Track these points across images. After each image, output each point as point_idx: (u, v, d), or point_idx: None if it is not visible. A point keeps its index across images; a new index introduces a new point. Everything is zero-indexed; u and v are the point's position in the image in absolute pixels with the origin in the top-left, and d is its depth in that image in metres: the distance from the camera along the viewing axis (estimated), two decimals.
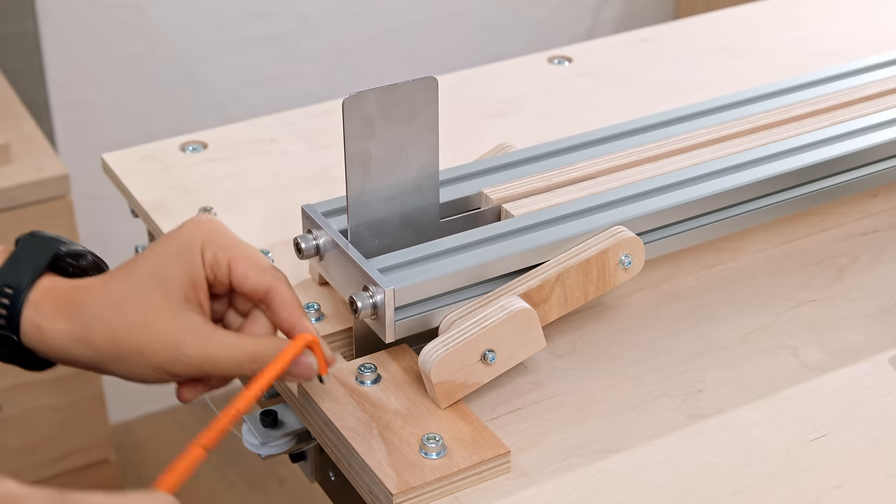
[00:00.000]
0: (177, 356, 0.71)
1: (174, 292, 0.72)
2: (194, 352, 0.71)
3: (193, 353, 0.71)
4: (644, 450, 0.78)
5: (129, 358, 0.72)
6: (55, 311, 0.72)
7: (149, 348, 0.71)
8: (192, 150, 1.08)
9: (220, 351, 0.72)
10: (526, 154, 0.93)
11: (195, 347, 0.71)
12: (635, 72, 1.21)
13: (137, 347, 0.71)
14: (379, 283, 0.78)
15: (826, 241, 0.97)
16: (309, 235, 0.85)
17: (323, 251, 0.84)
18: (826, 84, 1.03)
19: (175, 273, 0.72)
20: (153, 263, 0.73)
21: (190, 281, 0.73)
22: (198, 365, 0.72)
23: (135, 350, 0.71)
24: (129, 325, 0.71)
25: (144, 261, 0.73)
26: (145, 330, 0.71)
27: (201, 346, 0.71)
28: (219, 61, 1.98)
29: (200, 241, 0.73)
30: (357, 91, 0.79)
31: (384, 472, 0.73)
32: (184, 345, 0.71)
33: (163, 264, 0.73)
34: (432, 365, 0.77)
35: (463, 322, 0.79)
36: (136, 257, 0.74)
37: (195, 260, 0.73)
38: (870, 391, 0.82)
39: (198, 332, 0.72)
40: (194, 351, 0.71)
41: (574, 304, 0.83)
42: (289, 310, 0.74)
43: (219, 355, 0.72)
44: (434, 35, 2.14)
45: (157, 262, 0.73)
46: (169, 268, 0.72)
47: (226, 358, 0.72)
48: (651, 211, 0.86)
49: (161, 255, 0.73)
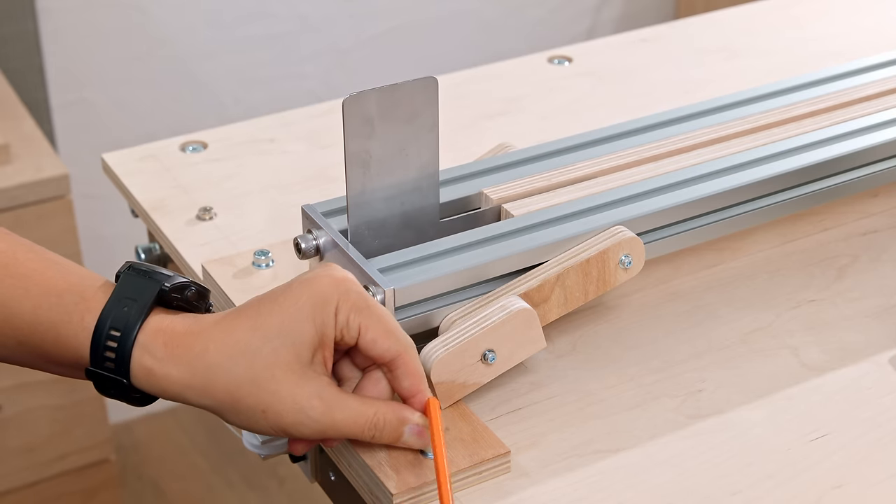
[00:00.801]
0: (302, 419, 0.70)
1: (305, 352, 0.70)
2: (322, 417, 0.70)
3: (321, 418, 0.70)
4: (644, 450, 0.78)
5: (250, 413, 0.70)
6: (169, 355, 0.69)
7: (273, 408, 0.69)
8: (192, 150, 1.08)
9: (346, 417, 0.70)
10: (526, 154, 0.93)
11: (323, 413, 0.70)
12: (635, 72, 1.21)
13: (262, 406, 0.69)
14: (379, 282, 0.78)
15: (826, 241, 0.97)
16: (309, 235, 0.85)
17: (323, 251, 0.84)
18: (826, 84, 1.03)
19: (308, 332, 0.70)
20: (285, 317, 0.70)
21: (320, 341, 0.70)
22: (322, 430, 0.70)
23: (259, 408, 0.69)
24: (255, 382, 0.69)
25: (274, 311, 0.70)
26: (272, 389, 0.69)
27: (328, 412, 0.70)
28: (219, 61, 1.98)
29: (336, 300, 0.70)
30: (357, 91, 0.79)
31: (384, 471, 0.73)
32: (311, 409, 0.69)
33: (296, 320, 0.70)
34: (432, 364, 0.77)
35: (463, 322, 0.79)
36: (263, 303, 0.71)
37: (329, 321, 0.70)
38: (870, 391, 0.82)
39: (325, 397, 0.70)
40: (322, 416, 0.70)
41: (574, 304, 0.83)
42: (412, 380, 0.73)
43: (345, 421, 0.70)
44: (434, 35, 2.14)
45: (289, 317, 0.70)
46: (303, 326, 0.70)
47: (350, 423, 0.70)
48: (651, 211, 0.86)
49: (294, 309, 0.70)
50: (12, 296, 0.71)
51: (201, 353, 0.69)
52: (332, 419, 0.70)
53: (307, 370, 0.70)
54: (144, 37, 1.91)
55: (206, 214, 0.98)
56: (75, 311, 0.70)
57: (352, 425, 0.71)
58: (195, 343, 0.70)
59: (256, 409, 0.69)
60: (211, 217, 0.98)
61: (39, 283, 0.71)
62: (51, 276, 0.71)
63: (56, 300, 0.71)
